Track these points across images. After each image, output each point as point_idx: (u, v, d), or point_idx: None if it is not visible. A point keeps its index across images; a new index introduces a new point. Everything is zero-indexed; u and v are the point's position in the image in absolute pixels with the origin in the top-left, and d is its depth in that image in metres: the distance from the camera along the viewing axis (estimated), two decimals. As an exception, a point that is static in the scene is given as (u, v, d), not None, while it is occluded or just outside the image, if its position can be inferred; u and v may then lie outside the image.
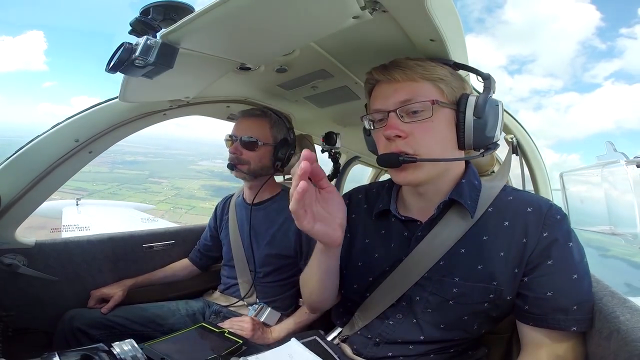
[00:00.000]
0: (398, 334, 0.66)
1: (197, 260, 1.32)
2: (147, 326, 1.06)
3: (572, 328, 0.55)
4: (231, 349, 0.80)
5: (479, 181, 0.67)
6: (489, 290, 0.60)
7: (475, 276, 0.61)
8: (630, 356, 0.44)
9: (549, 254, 0.56)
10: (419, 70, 0.61)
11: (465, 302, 0.61)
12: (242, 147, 1.07)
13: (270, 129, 1.11)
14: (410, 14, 0.61)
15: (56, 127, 0.96)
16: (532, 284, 0.58)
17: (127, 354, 0.59)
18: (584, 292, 0.56)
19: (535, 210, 0.60)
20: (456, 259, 0.62)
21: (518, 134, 1.12)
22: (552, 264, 0.56)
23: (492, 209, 0.63)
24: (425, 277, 0.64)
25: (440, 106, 0.60)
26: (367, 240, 0.74)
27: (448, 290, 0.62)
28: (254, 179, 1.11)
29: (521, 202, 0.62)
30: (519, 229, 0.59)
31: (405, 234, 0.67)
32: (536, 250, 0.57)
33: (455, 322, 0.63)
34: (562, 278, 0.56)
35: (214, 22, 0.58)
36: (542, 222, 0.58)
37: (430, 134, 0.60)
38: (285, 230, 1.10)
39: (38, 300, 1.04)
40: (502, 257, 0.59)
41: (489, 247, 0.60)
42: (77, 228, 5.20)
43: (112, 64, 0.61)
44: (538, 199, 0.63)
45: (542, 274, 0.57)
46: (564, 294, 0.55)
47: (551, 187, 1.12)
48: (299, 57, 0.87)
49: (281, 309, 1.13)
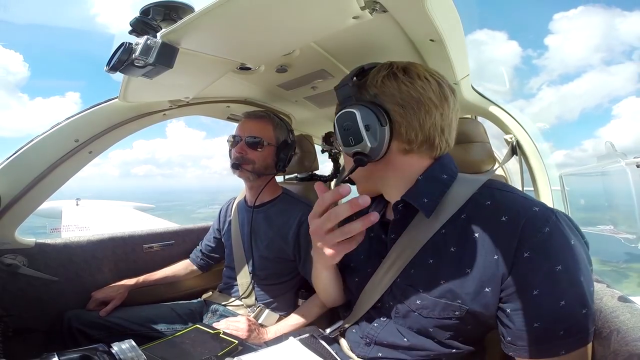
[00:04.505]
0: (384, 337, 0.66)
1: (198, 261, 1.32)
2: (146, 326, 1.05)
3: (560, 352, 0.49)
4: (226, 349, 0.80)
5: (449, 175, 0.61)
6: (453, 307, 0.55)
7: (437, 291, 0.56)
8: (630, 356, 0.44)
9: (534, 282, 0.48)
10: None
11: (428, 316, 0.58)
12: (247, 147, 1.08)
13: (274, 130, 1.12)
14: (410, 14, 0.61)
15: (56, 127, 0.96)
16: (516, 317, 0.50)
17: (127, 354, 0.58)
18: (573, 316, 0.48)
19: (510, 221, 0.51)
20: (423, 269, 0.59)
21: (518, 134, 1.12)
22: (538, 294, 0.48)
23: (464, 216, 0.56)
24: (396, 283, 0.63)
25: None
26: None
27: (412, 301, 0.59)
28: (257, 178, 1.12)
29: (497, 209, 0.53)
30: (490, 244, 0.52)
31: (383, 236, 0.68)
32: (514, 273, 0.50)
33: (424, 331, 0.60)
34: (550, 307, 0.48)
35: (214, 22, 0.58)
36: (519, 238, 0.49)
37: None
38: (284, 233, 1.10)
39: (38, 300, 1.04)
40: (469, 274, 0.53)
41: (456, 261, 0.55)
42: (76, 228, 5.20)
43: (112, 63, 0.61)
44: (520, 205, 0.52)
45: (527, 306, 0.49)
46: (551, 322, 0.48)
47: (552, 187, 1.12)
48: (299, 57, 0.87)
49: (280, 310, 1.13)
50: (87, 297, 1.09)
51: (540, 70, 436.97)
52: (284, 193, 1.19)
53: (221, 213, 1.32)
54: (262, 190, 1.13)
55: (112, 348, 0.58)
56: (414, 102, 0.57)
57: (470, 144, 0.94)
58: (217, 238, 1.31)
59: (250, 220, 1.14)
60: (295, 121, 1.52)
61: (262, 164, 1.10)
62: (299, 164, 1.40)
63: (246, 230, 1.16)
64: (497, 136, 1.18)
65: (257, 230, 1.14)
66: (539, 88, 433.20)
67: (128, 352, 0.58)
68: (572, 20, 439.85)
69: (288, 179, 1.59)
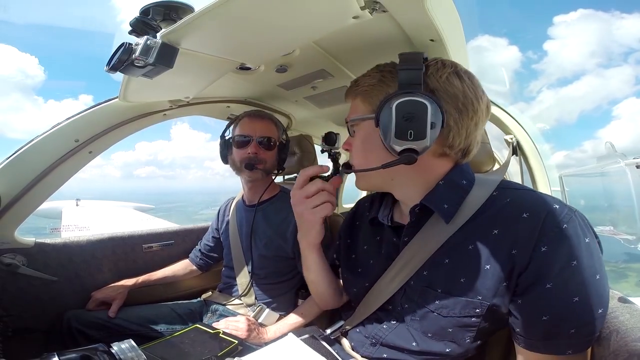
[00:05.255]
0: (391, 339, 0.65)
1: (198, 260, 1.32)
2: (145, 326, 1.05)
3: (567, 352, 0.49)
4: (226, 349, 0.80)
5: (468, 180, 0.61)
6: (474, 304, 0.54)
7: (457, 289, 0.56)
8: (630, 356, 0.44)
9: (548, 275, 0.48)
10: (352, 88, 0.64)
11: (448, 315, 0.57)
12: (260, 146, 1.10)
13: (277, 130, 1.15)
14: (410, 14, 0.61)
15: (56, 127, 0.96)
16: (526, 307, 0.51)
17: (127, 354, 0.58)
18: (586, 315, 0.48)
19: (531, 217, 0.51)
20: (439, 270, 0.58)
21: (518, 135, 1.12)
22: (552, 288, 0.48)
23: (484, 215, 0.56)
24: (410, 285, 0.62)
25: (360, 121, 0.62)
26: (366, 247, 0.75)
27: (430, 301, 0.58)
28: (265, 177, 1.13)
29: (518, 206, 0.54)
30: (509, 239, 0.52)
31: (394, 239, 0.67)
32: (531, 267, 0.50)
33: (442, 333, 0.58)
34: (561, 302, 0.48)
35: (214, 22, 0.58)
36: (538, 233, 0.49)
37: (356, 148, 0.65)
38: (283, 231, 1.10)
39: (38, 300, 1.03)
40: (488, 270, 0.53)
41: (474, 258, 0.55)
42: (76, 228, 5.20)
43: (112, 63, 0.61)
44: (539, 202, 0.53)
45: (538, 297, 0.49)
46: (562, 318, 0.48)
47: (551, 188, 1.12)
48: (299, 57, 0.87)
49: (280, 309, 1.13)
50: (87, 297, 1.09)
51: (540, 74, 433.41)
52: (282, 191, 1.20)
53: (220, 213, 1.32)
54: (267, 188, 1.14)
55: (112, 348, 0.58)
56: (471, 110, 0.56)
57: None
58: (216, 238, 1.31)
59: (251, 220, 1.15)
60: (295, 121, 1.52)
61: (272, 162, 1.13)
62: (298, 164, 1.40)
63: (245, 230, 1.16)
64: (497, 137, 1.18)
65: (256, 229, 1.14)
66: (539, 91, 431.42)
67: (128, 352, 0.58)
68: (570, 26, 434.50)
69: (288, 179, 1.59)
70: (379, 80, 0.59)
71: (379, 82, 0.59)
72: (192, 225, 1.48)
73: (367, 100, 0.61)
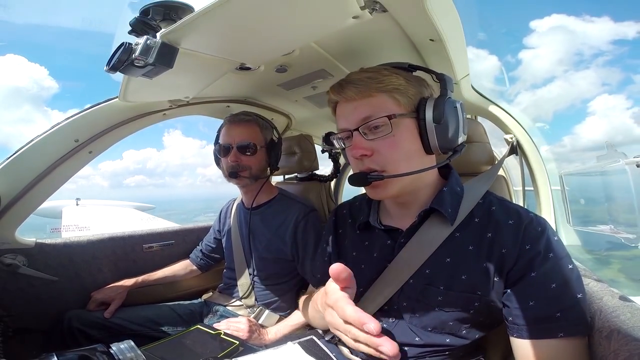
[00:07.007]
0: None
1: (198, 261, 1.32)
2: (146, 327, 1.06)
3: (559, 334, 0.53)
4: (227, 350, 0.80)
5: (461, 187, 0.68)
6: (473, 299, 0.60)
7: (459, 286, 0.61)
8: (630, 355, 0.44)
9: (532, 266, 0.56)
10: (372, 85, 0.60)
11: (449, 309, 0.61)
12: (240, 154, 1.07)
13: (261, 132, 1.11)
14: (410, 13, 0.61)
15: (56, 127, 0.96)
16: (516, 295, 0.57)
17: (126, 355, 0.58)
18: (567, 299, 0.54)
19: (515, 223, 0.60)
20: (441, 268, 0.62)
21: (518, 134, 1.12)
22: (535, 276, 0.56)
23: (477, 220, 0.63)
24: (410, 284, 0.64)
25: (399, 118, 0.59)
26: (355, 253, 0.75)
27: (433, 298, 0.62)
28: (254, 182, 1.11)
29: (504, 213, 0.62)
30: (500, 240, 0.60)
31: (389, 242, 0.68)
32: (519, 262, 0.57)
33: (442, 326, 0.63)
34: (542, 287, 0.55)
35: (213, 22, 0.58)
36: (522, 235, 0.58)
37: (394, 149, 0.60)
38: (282, 234, 1.10)
39: (38, 300, 1.04)
40: (484, 267, 0.60)
41: (474, 257, 0.61)
42: (77, 228, 5.20)
43: (112, 63, 0.61)
44: (520, 211, 0.62)
45: (525, 285, 0.57)
46: (545, 302, 0.55)
47: (551, 187, 1.12)
48: (299, 57, 0.87)
49: (280, 310, 1.13)
50: (87, 297, 1.09)
51: (516, 79, 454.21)
52: (280, 194, 1.19)
53: (221, 214, 1.32)
54: (259, 192, 1.13)
55: (111, 348, 0.58)
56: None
57: (470, 144, 0.94)
58: (218, 239, 1.31)
59: (248, 223, 1.14)
60: (295, 121, 1.52)
61: (258, 167, 1.09)
62: (298, 164, 1.40)
63: (244, 232, 1.16)
64: (498, 137, 1.19)
65: (255, 232, 1.14)
66: (517, 94, 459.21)
67: (127, 353, 0.58)
68: (542, 37, 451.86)
69: (288, 179, 1.59)
70: (406, 78, 0.61)
71: (409, 82, 0.61)
72: (192, 225, 1.48)
73: (402, 99, 0.60)
